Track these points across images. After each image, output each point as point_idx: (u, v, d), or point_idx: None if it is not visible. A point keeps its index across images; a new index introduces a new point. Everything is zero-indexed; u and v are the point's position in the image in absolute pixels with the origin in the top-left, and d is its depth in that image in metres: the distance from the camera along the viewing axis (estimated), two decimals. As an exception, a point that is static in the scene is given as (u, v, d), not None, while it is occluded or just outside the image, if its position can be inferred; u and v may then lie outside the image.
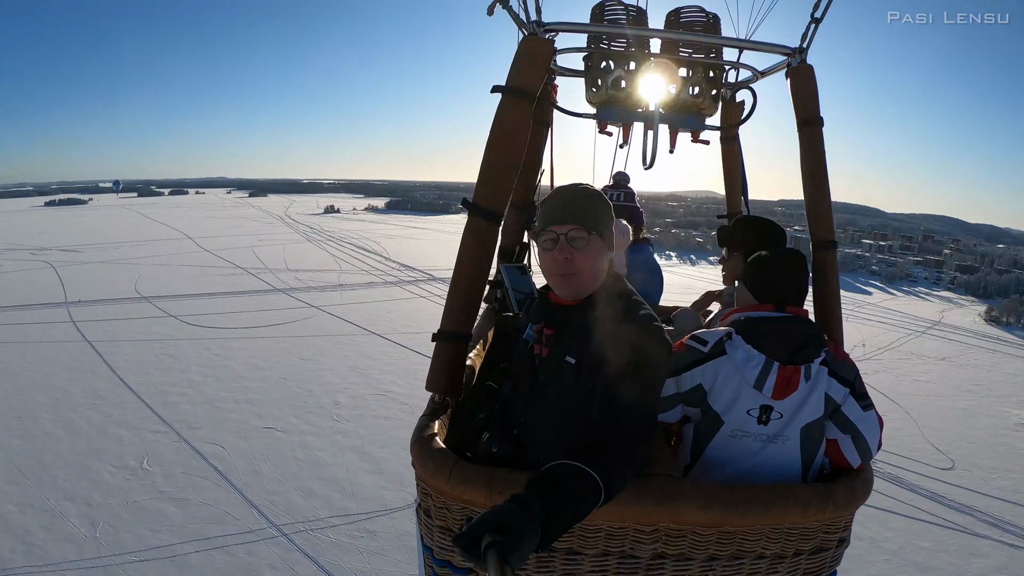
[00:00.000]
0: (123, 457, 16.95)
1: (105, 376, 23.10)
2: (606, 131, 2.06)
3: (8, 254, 52.46)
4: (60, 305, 33.97)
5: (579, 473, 0.83)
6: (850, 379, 1.34)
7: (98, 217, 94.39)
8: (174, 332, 29.07)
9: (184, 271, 45.23)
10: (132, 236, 67.38)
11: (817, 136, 1.51)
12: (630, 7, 1.74)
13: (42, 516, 13.66)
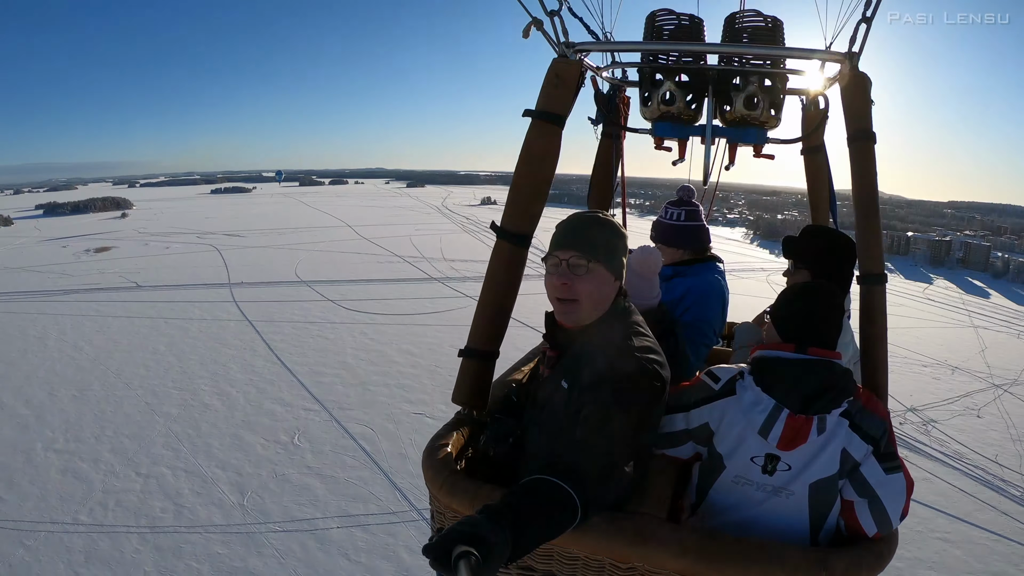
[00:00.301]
0: (275, 432, 29.71)
1: (263, 354, 40.23)
2: (664, 147, 3.49)
3: (176, 237, 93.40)
4: (223, 286, 59.48)
5: (555, 489, 1.60)
6: (876, 436, 2.21)
7: (261, 205, 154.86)
8: (331, 316, 48.60)
9: (342, 257, 73.95)
10: (293, 223, 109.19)
11: (868, 153, 2.58)
12: (682, 16, 3.10)
13: (194, 481, 25.94)
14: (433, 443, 2.48)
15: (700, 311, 3.45)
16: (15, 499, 24.83)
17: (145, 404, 33.48)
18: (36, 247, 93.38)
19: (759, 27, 3.05)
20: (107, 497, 24.96)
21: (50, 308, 54.15)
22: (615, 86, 3.75)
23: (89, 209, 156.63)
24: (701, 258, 3.76)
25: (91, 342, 44.34)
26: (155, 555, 21.55)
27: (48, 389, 35.93)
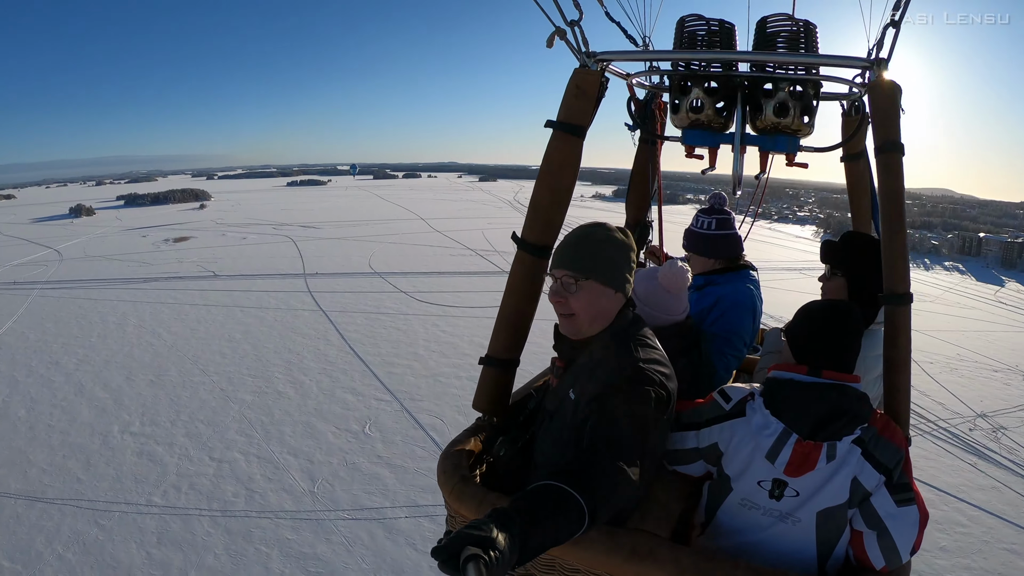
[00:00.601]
0: (347, 420, 30.00)
1: (336, 344, 40.93)
2: (695, 155, 3.51)
3: (253, 228, 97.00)
4: (299, 276, 61.17)
5: (562, 494, 1.66)
6: (889, 466, 2.20)
7: (336, 197, 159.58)
8: (403, 307, 49.20)
9: (415, 250, 75.21)
10: (367, 215, 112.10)
11: (895, 165, 2.54)
12: (712, 21, 3.15)
13: (266, 467, 26.39)
14: (449, 448, 2.61)
15: (730, 322, 3.47)
16: (91, 480, 25.70)
17: (220, 390, 34.38)
18: (117, 236, 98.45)
19: (789, 32, 3.03)
20: (180, 480, 25.60)
21: (129, 295, 56.57)
22: (651, 92, 3.86)
23: (168, 200, 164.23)
24: (734, 267, 3.78)
25: (169, 329, 45.98)
26: (226, 538, 21.98)
27: (126, 374, 37.27)
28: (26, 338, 45.01)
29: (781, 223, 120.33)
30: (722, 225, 3.80)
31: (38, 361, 40.07)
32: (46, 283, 63.02)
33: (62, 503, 24.03)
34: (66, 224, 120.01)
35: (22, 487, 25.30)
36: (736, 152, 3.24)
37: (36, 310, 52.80)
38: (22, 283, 63.38)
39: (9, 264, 74.64)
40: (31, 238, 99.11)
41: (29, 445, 28.70)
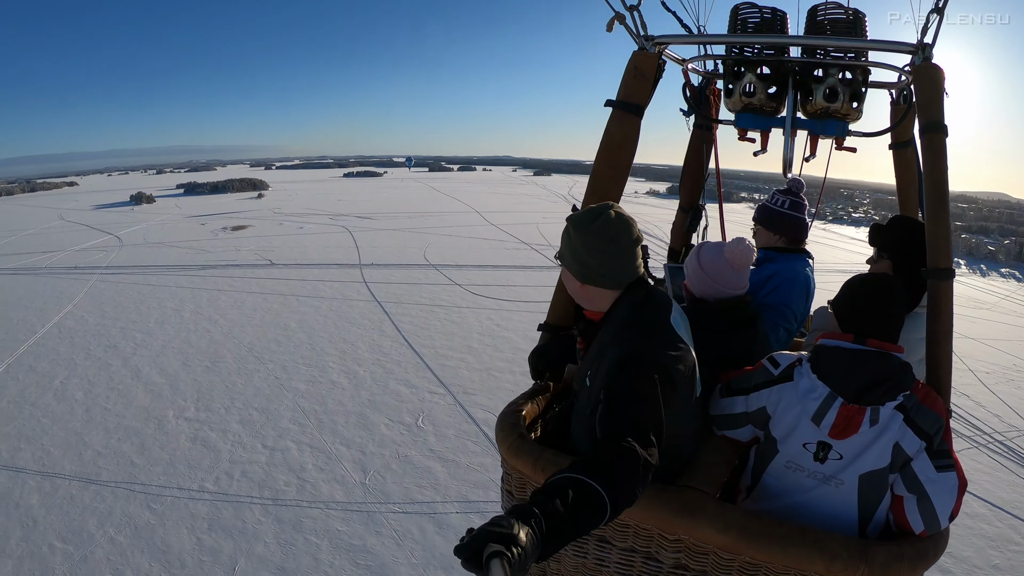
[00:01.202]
0: (400, 412, 30.04)
1: (391, 335, 41.20)
2: (747, 137, 3.75)
3: (310, 218, 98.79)
4: (354, 266, 62.03)
5: (582, 486, 1.73)
6: (930, 432, 2.34)
7: (391, 189, 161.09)
8: (458, 300, 49.46)
9: (470, 243, 75.73)
10: (422, 207, 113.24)
11: (940, 145, 2.69)
12: (765, 9, 3.32)
13: (318, 457, 26.50)
14: (508, 408, 2.85)
15: (782, 295, 3.71)
16: (145, 463, 26.19)
17: (275, 378, 34.77)
18: (176, 224, 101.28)
19: (839, 19, 3.20)
20: (233, 467, 25.92)
21: (187, 282, 57.88)
22: (706, 78, 4.07)
23: (227, 189, 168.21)
24: (793, 249, 4.07)
25: (225, 316, 46.86)
26: (276, 527, 22.11)
27: (182, 359, 38.00)
28: (85, 322, 46.33)
29: (836, 224, 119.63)
30: (793, 207, 4.08)
31: (96, 344, 41.15)
32: (106, 268, 65.05)
33: (115, 486, 24.49)
34: (127, 211, 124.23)
35: (77, 469, 25.89)
36: (787, 135, 3.48)
37: (96, 294, 54.42)
38: (83, 267, 65.56)
39: (71, 249, 77.28)
40: (92, 224, 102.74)
41: (85, 427, 29.42)
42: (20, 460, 26.83)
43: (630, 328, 2.45)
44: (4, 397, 33.13)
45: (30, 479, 25.30)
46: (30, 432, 29.19)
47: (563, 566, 2.70)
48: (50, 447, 27.76)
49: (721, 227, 4.85)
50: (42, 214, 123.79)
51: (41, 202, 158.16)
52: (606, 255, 2.50)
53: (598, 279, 2.54)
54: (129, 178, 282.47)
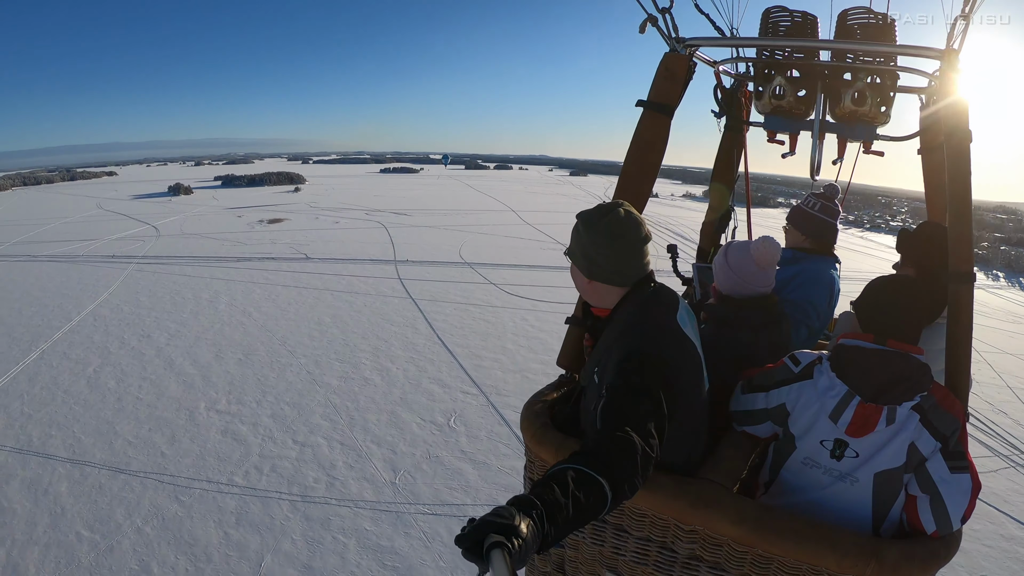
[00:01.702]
0: (432, 412, 29.85)
1: (424, 333, 41.23)
2: (776, 140, 3.82)
3: (346, 213, 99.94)
4: (389, 262, 62.41)
5: (582, 476, 1.79)
6: (946, 433, 2.39)
7: (428, 186, 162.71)
8: (492, 299, 49.45)
9: (506, 242, 75.88)
10: (458, 205, 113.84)
11: (964, 151, 2.72)
12: (795, 13, 3.41)
13: (349, 454, 26.41)
14: (533, 398, 3.01)
15: (806, 292, 3.81)
16: (175, 455, 26.28)
17: (307, 373, 34.81)
18: (213, 216, 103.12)
19: (869, 24, 3.28)
20: (263, 462, 25.88)
21: (223, 274, 58.56)
22: (738, 80, 4.13)
23: (264, 182, 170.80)
24: (821, 251, 4.17)
25: (259, 308, 47.21)
26: (304, 524, 22.00)
27: (215, 351, 38.27)
28: (120, 310, 46.97)
29: (873, 232, 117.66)
30: (824, 211, 4.18)
31: (130, 334, 41.65)
32: (143, 258, 66.14)
33: (144, 476, 24.59)
34: (164, 202, 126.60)
35: (106, 457, 26.08)
36: (815, 138, 3.55)
37: (132, 283, 55.26)
38: (120, 256, 66.71)
39: (109, 238, 78.75)
40: (130, 214, 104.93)
41: (116, 416, 29.67)
42: (51, 447, 27.09)
43: (636, 325, 2.52)
44: (37, 383, 33.57)
45: (60, 466, 25.53)
46: (61, 419, 29.49)
47: (580, 553, 2.79)
48: (81, 435, 28.01)
49: (748, 228, 4.90)
50: (81, 203, 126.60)
51: (80, 191, 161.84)
52: (613, 252, 2.55)
53: (605, 275, 2.60)
54: (168, 169, 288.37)
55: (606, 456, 1.92)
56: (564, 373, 3.36)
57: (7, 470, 25.48)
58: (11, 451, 26.91)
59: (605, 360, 2.52)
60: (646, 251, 2.63)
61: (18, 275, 59.44)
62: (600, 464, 1.86)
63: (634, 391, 2.23)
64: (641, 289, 2.63)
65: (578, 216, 2.67)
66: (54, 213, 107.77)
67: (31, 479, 24.74)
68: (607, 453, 1.93)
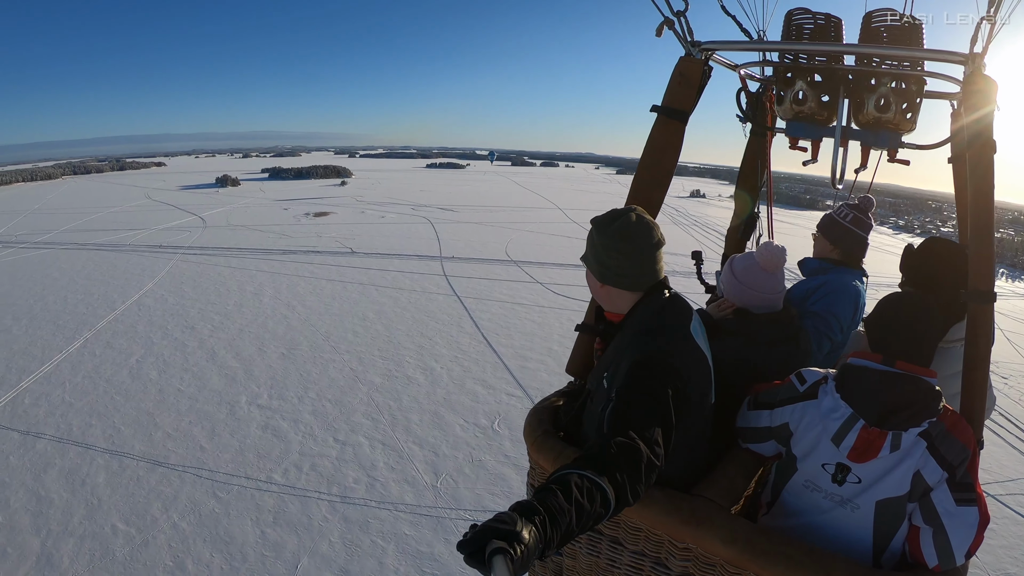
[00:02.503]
0: (476, 414, 29.38)
1: (469, 331, 40.78)
2: (799, 146, 3.72)
3: (392, 208, 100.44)
4: (435, 259, 61.97)
5: (585, 482, 1.76)
6: (953, 463, 2.24)
7: (474, 182, 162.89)
8: (539, 299, 48.62)
9: (552, 240, 74.78)
10: (504, 202, 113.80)
11: (987, 161, 2.61)
12: (819, 15, 3.28)
13: (390, 455, 26.12)
14: (537, 405, 3.02)
15: (829, 303, 3.71)
16: (214, 449, 26.28)
17: (350, 370, 34.68)
18: (260, 208, 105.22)
19: (894, 27, 3.16)
20: (303, 460, 25.70)
21: (268, 266, 59.27)
22: (763, 84, 4.04)
23: (311, 175, 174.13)
24: (848, 263, 4.06)
25: (304, 302, 47.43)
26: (342, 526, 21.79)
27: (258, 344, 38.43)
28: (165, 301, 47.71)
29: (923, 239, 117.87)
30: (855, 223, 4.06)
31: (174, 324, 42.17)
32: (189, 248, 67.27)
33: (183, 470, 24.66)
34: (212, 193, 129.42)
35: (146, 449, 26.21)
36: (836, 145, 3.39)
37: (177, 274, 56.21)
38: (166, 247, 68.02)
39: (156, 228, 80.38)
40: (178, 204, 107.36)
41: (157, 408, 29.86)
42: (90, 437, 27.36)
43: (648, 331, 2.48)
44: (80, 372, 33.98)
45: (98, 456, 25.74)
46: (102, 409, 29.78)
47: (578, 563, 2.77)
48: (121, 425, 28.25)
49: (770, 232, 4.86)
50: (130, 192, 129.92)
51: (129, 180, 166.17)
52: (624, 256, 2.54)
53: (617, 280, 2.57)
54: (216, 161, 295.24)
55: (610, 462, 1.88)
56: (573, 380, 3.30)
57: (46, 459, 25.76)
58: (51, 439, 27.19)
59: (615, 365, 2.49)
60: (658, 256, 2.61)
61: (65, 263, 60.79)
62: (604, 470, 1.83)
63: (643, 397, 2.21)
64: (655, 295, 2.59)
65: (591, 221, 2.70)
66: (103, 202, 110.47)
67: (70, 469, 24.97)
68: (612, 459, 1.90)
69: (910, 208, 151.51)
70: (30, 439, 27.30)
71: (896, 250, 4.26)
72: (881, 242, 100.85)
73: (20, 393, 31.68)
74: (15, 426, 28.43)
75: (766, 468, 2.92)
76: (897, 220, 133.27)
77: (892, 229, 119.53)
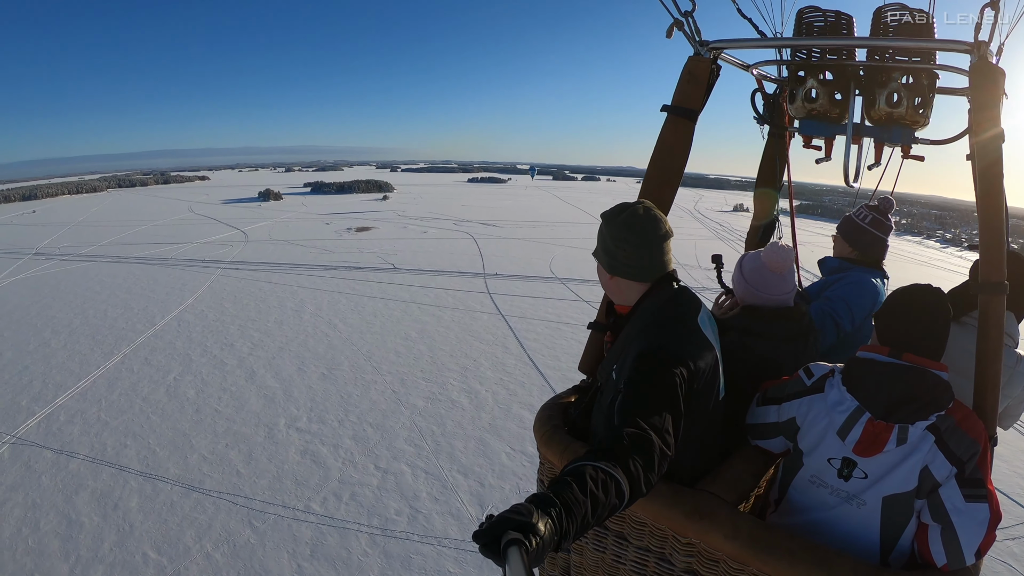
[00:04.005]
0: (523, 441, 27.94)
1: (515, 352, 39.49)
2: (812, 145, 3.73)
3: (434, 222, 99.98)
4: (478, 275, 61.13)
5: (600, 473, 1.73)
6: (963, 457, 2.14)
7: (516, 196, 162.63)
8: (586, 318, 47.54)
9: None
10: (547, 216, 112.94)
11: (995, 151, 2.56)
12: (828, 13, 3.29)
13: (433, 484, 24.99)
14: (548, 402, 3.02)
15: (847, 292, 3.83)
16: (251, 475, 25.47)
17: (392, 392, 33.79)
18: (301, 222, 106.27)
19: (903, 21, 3.18)
20: (342, 488, 24.76)
21: (309, 282, 58.97)
22: (780, 85, 4.01)
23: (353, 190, 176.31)
24: (868, 264, 4.11)
25: (345, 320, 46.80)
26: (383, 561, 20.88)
27: (298, 363, 37.76)
28: (205, 317, 47.54)
29: (972, 252, 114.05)
30: (875, 224, 4.12)
31: (213, 341, 41.81)
32: (230, 263, 67.54)
33: (218, 496, 23.92)
34: (254, 207, 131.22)
35: (180, 473, 25.53)
36: (848, 142, 3.40)
37: (218, 289, 56.25)
38: (208, 261, 68.53)
39: (198, 241, 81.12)
40: (220, 218, 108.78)
41: (193, 429, 29.27)
42: (124, 458, 26.81)
43: (656, 322, 2.48)
44: (116, 389, 33.60)
45: (132, 479, 25.12)
46: (138, 428, 29.27)
47: (584, 559, 2.75)
48: (156, 447, 27.67)
49: (793, 235, 4.64)
50: (173, 206, 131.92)
51: (173, 194, 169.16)
52: (632, 246, 2.53)
53: (625, 270, 2.57)
54: (258, 175, 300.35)
55: (623, 452, 1.87)
56: (585, 379, 3.26)
57: (79, 479, 25.23)
58: (84, 459, 26.68)
59: (624, 356, 2.44)
60: (666, 248, 2.59)
61: (107, 276, 61.27)
62: (617, 461, 1.82)
63: (651, 387, 2.17)
64: (663, 287, 2.57)
65: (601, 215, 2.69)
66: (146, 215, 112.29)
67: (102, 491, 24.40)
68: (624, 449, 1.89)
69: (956, 220, 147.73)
70: (63, 458, 26.89)
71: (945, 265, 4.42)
72: (929, 256, 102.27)
73: (55, 410, 31.40)
74: (49, 444, 28.09)
75: (776, 467, 2.87)
76: (944, 233, 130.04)
77: (939, 243, 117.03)
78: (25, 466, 26.23)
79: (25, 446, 27.90)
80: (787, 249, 3.25)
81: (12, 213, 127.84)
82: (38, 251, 76.37)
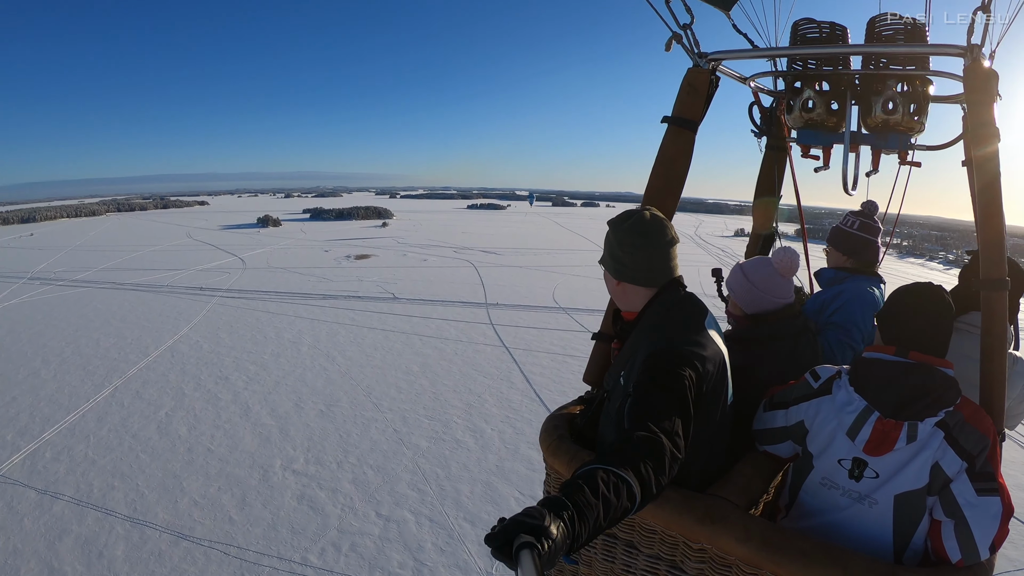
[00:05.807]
0: (532, 484, 26.60)
1: (520, 387, 38.09)
2: (811, 155, 3.81)
3: (434, 250, 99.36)
4: (480, 305, 59.95)
5: (611, 477, 1.68)
6: (973, 452, 2.14)
7: (515, 223, 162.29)
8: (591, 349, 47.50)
9: (600, 284, 75.02)
10: (548, 243, 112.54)
11: (990, 151, 2.60)
12: (823, 24, 3.40)
13: (439, 534, 23.46)
14: (554, 412, 3.03)
15: (848, 313, 3.78)
16: (244, 522, 24.00)
17: (393, 431, 32.36)
18: (300, 249, 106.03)
19: (897, 29, 3.24)
20: (342, 538, 23.25)
21: (307, 312, 57.75)
22: (777, 97, 4.08)
23: (352, 216, 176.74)
24: (864, 271, 4.11)
25: (344, 353, 45.47)
26: (385, 622, 19.05)
27: (295, 400, 36.39)
28: (199, 347, 46.25)
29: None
30: (864, 229, 4.13)
31: (207, 375, 40.44)
32: (227, 291, 66.57)
33: (209, 545, 22.45)
34: (253, 233, 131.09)
35: (170, 519, 24.10)
36: (845, 150, 3.51)
37: (214, 318, 55.07)
38: (205, 288, 67.41)
39: (195, 268, 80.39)
40: (218, 244, 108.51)
41: (185, 469, 27.83)
42: (111, 501, 25.33)
43: (663, 325, 2.48)
44: (105, 424, 32.24)
45: (118, 525, 23.66)
46: (126, 468, 27.86)
47: (593, 570, 2.70)
48: (145, 489, 26.23)
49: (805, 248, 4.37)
50: (171, 231, 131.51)
51: (172, 219, 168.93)
52: (638, 251, 2.55)
53: (632, 275, 2.58)
54: (258, 200, 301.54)
55: (634, 455, 1.84)
56: (590, 389, 3.23)
57: (63, 523, 23.77)
58: (69, 501, 25.23)
59: (632, 362, 2.46)
60: (672, 253, 2.61)
61: (101, 304, 60.15)
62: (629, 464, 1.79)
63: (660, 390, 2.17)
64: (669, 292, 2.59)
65: (607, 223, 2.70)
66: (144, 240, 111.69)
67: (87, 537, 22.93)
68: (635, 452, 1.86)
69: (958, 241, 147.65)
70: (47, 499, 25.44)
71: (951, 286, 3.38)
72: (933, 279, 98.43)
73: (41, 445, 29.99)
74: (33, 483, 26.64)
75: (784, 473, 2.86)
76: (946, 255, 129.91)
77: (942, 264, 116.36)
78: (7, 507, 24.82)
79: (8, 484, 26.44)
80: (795, 252, 3.38)
81: (10, 236, 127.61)
82: (33, 275, 75.55)
